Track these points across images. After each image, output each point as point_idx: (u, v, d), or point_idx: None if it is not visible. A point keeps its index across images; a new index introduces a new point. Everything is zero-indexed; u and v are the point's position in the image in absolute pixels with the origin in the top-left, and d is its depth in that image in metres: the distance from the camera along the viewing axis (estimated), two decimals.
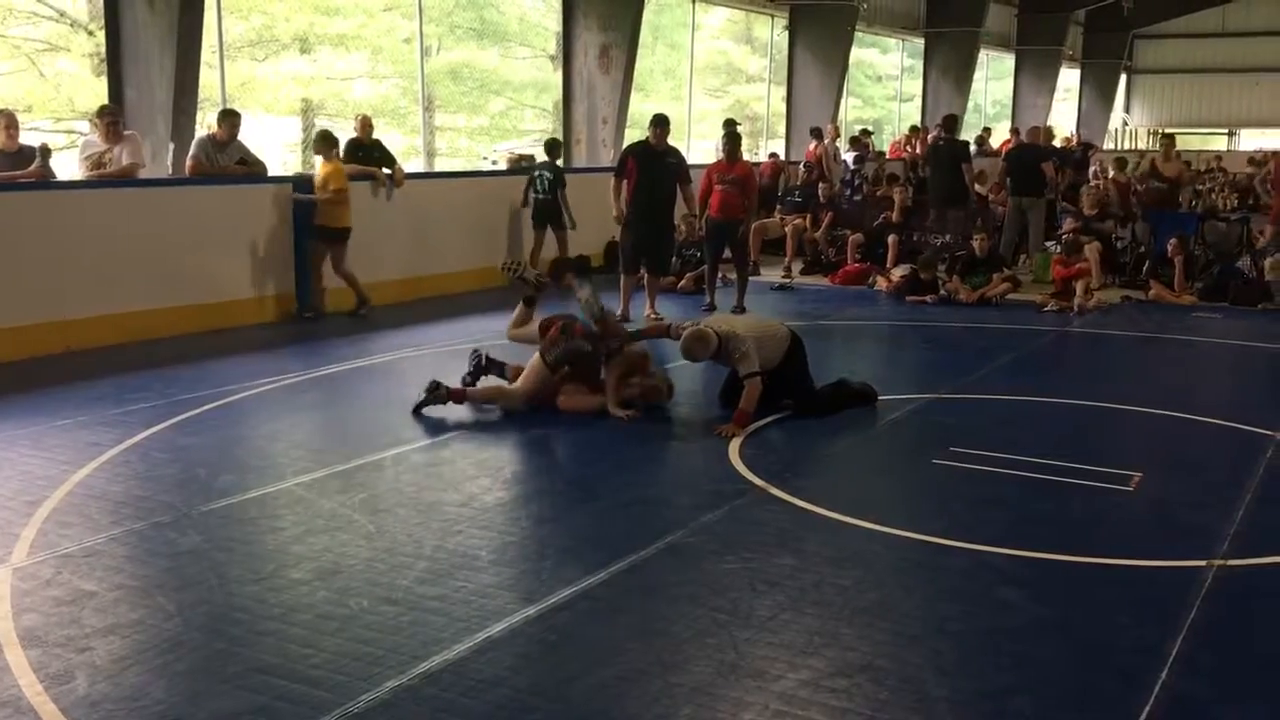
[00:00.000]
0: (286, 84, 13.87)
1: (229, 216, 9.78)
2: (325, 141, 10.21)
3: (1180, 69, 36.07)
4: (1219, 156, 26.82)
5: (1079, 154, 19.15)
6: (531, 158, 13.80)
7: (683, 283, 11.92)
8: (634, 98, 15.67)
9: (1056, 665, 3.76)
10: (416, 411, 6.73)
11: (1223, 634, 3.99)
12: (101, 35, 10.80)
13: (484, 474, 5.97)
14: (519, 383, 6.88)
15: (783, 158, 18.28)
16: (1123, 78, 36.26)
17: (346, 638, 3.84)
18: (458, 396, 6.82)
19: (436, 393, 6.73)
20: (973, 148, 16.40)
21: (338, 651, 3.74)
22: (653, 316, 10.14)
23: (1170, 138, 13.87)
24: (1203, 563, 4.59)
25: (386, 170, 11.22)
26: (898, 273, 12.52)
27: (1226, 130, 35.93)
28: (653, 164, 9.98)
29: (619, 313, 10.01)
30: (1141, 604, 4.26)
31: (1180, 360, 9.56)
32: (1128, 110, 37.42)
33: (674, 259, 11.86)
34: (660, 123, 10.11)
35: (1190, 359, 9.61)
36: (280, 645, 3.79)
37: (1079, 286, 11.23)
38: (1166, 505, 5.48)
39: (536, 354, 6.87)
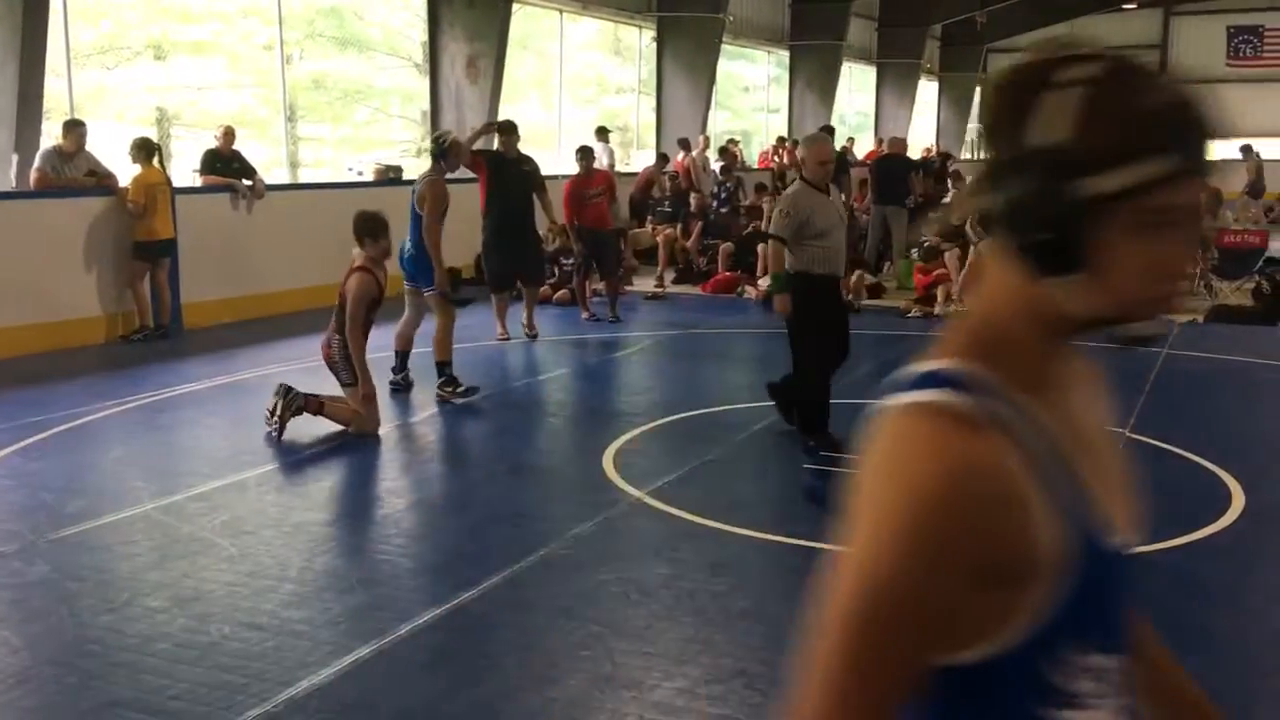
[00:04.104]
0: (139, 92, 13.33)
1: (77, 230, 9.38)
2: (138, 149, 9.65)
3: None
4: None
5: (938, 164, 19.78)
6: (399, 169, 13.58)
7: (558, 294, 11.86)
8: (504, 108, 15.56)
9: None
10: (280, 424, 6.48)
11: None
12: None
13: (352, 491, 5.85)
14: (362, 410, 6.65)
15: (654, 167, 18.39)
16: (978, 90, 37.61)
17: (207, 666, 3.69)
18: (313, 408, 6.61)
19: (292, 399, 6.50)
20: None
21: (197, 681, 3.59)
22: (528, 330, 9.86)
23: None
24: None
25: (246, 181, 10.92)
26: (767, 281, 12.70)
27: None
28: (507, 173, 9.52)
29: (497, 333, 9.77)
30: None
31: None
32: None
33: (550, 270, 11.82)
34: (510, 129, 9.71)
35: None
36: (136, 677, 3.63)
37: (940, 292, 11.57)
38: None
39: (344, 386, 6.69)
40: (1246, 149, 19.32)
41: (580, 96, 20.60)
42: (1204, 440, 6.56)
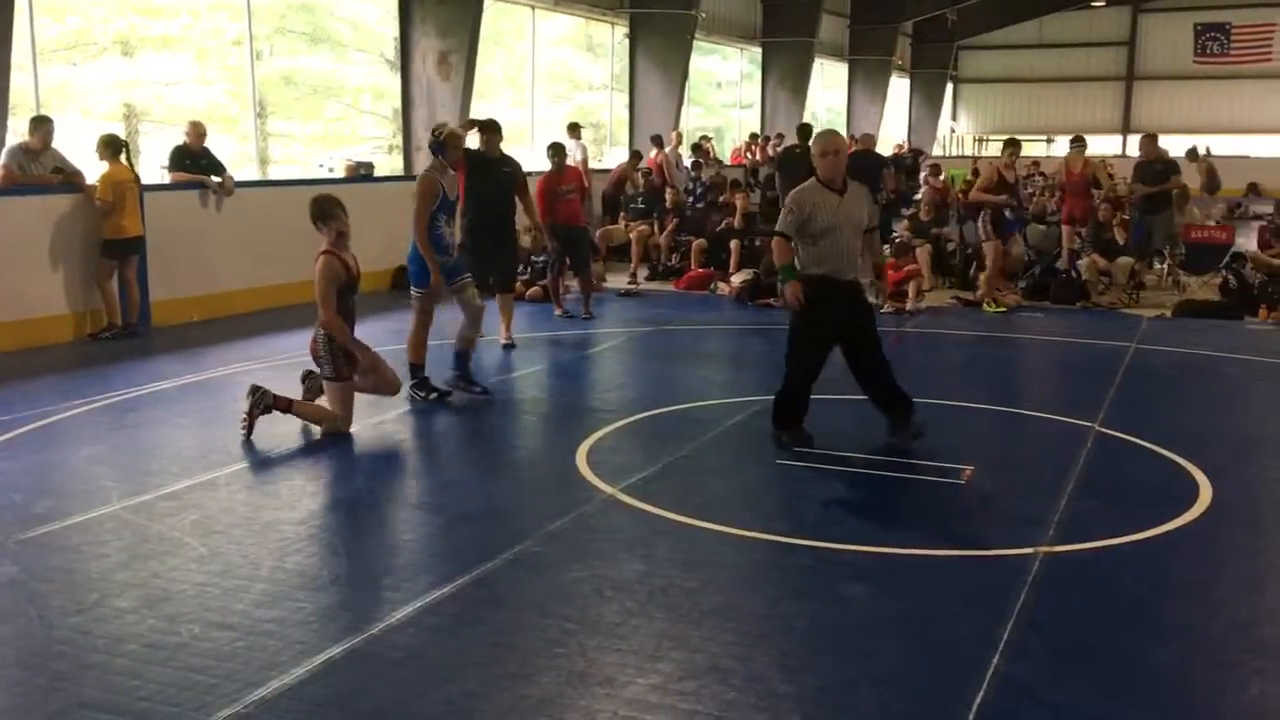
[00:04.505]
0: (107, 88, 13.21)
1: (44, 228, 9.28)
2: (106, 146, 9.57)
3: (1001, 78, 37.86)
4: (1036, 162, 28.18)
5: (910, 160, 19.90)
6: (370, 165, 13.51)
7: (531, 291, 11.84)
8: (476, 104, 15.51)
9: (896, 657, 3.86)
10: (249, 423, 6.43)
11: (1048, 618, 4.16)
12: None
13: (323, 490, 5.81)
14: (334, 409, 6.61)
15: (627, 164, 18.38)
16: (949, 87, 37.81)
17: (177, 667, 3.67)
18: (283, 405, 6.56)
19: (261, 397, 6.45)
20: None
21: (167, 682, 3.56)
22: (507, 339, 9.51)
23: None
24: (1029, 550, 4.79)
25: (216, 178, 10.83)
26: (739, 277, 12.73)
27: (1045, 137, 37.82)
28: (487, 174, 9.25)
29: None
30: (974, 593, 4.42)
31: (1007, 357, 9.99)
32: (954, 118, 39.03)
33: (524, 269, 11.80)
34: (491, 129, 9.42)
35: (1016, 356, 10.06)
36: (105, 678, 3.60)
37: (911, 288, 11.63)
38: (996, 496, 5.71)
39: (325, 381, 6.64)
40: (1192, 152, 19.32)
41: (552, 93, 20.56)
42: (1172, 434, 6.63)
